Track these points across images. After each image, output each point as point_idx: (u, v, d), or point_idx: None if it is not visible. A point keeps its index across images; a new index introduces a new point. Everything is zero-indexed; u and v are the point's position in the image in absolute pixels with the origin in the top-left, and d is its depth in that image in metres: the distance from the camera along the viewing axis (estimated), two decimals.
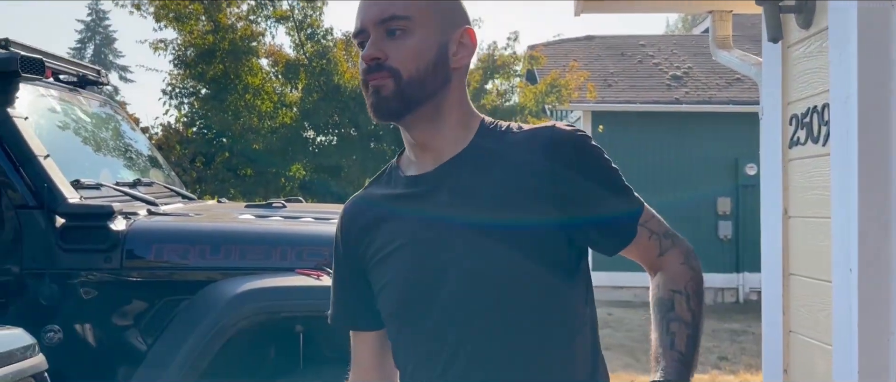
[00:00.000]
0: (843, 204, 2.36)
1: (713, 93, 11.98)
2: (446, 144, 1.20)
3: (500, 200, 1.14)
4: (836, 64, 2.39)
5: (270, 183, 9.58)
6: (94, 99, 4.01)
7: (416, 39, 1.16)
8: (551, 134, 1.18)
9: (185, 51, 9.53)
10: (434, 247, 1.15)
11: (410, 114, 1.17)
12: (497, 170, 1.16)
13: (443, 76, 1.18)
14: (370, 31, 1.18)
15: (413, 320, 1.17)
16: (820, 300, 2.61)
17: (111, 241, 2.80)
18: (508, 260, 1.13)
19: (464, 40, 1.21)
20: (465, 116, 1.22)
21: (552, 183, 1.14)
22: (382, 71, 1.15)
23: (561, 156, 1.16)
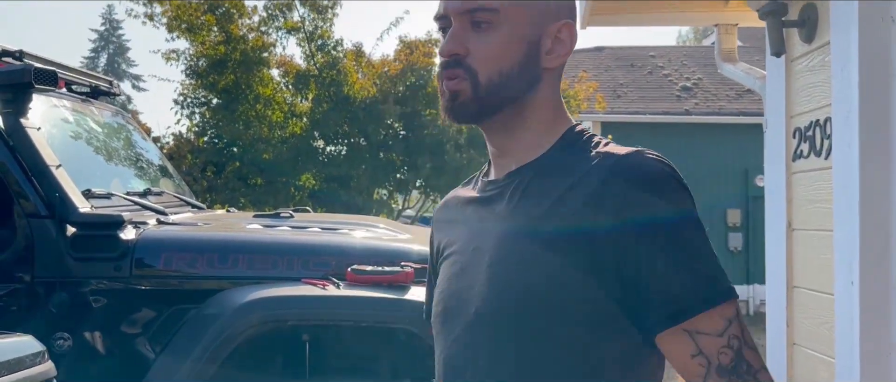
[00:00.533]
0: (844, 217, 2.37)
1: (723, 105, 11.98)
2: (524, 150, 1.05)
3: (540, 231, 0.97)
4: (838, 78, 2.41)
5: (280, 192, 9.64)
6: (106, 109, 4.07)
7: (501, 36, 1.01)
8: (615, 170, 0.96)
9: (197, 61, 9.63)
10: (476, 261, 1.03)
11: (488, 120, 1.05)
12: (553, 192, 0.99)
13: (530, 78, 1.03)
14: (452, 19, 1.03)
15: (443, 331, 1.07)
16: (823, 312, 2.62)
17: (121, 250, 2.84)
18: (524, 299, 0.96)
19: (561, 36, 1.05)
20: (551, 121, 1.06)
21: (591, 237, 0.94)
22: (460, 69, 1.02)
23: (617, 206, 0.93)
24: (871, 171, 2.28)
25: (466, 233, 1.07)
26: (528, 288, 0.96)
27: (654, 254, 0.91)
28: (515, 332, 0.97)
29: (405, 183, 9.85)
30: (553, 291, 0.94)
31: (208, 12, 9.39)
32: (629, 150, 1.00)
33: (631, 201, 0.93)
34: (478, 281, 1.01)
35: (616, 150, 1.00)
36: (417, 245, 3.14)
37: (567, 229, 0.95)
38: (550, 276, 0.95)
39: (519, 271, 0.97)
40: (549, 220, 0.97)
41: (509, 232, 1.00)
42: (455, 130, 9.16)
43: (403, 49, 9.63)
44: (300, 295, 2.70)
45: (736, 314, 0.93)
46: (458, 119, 1.04)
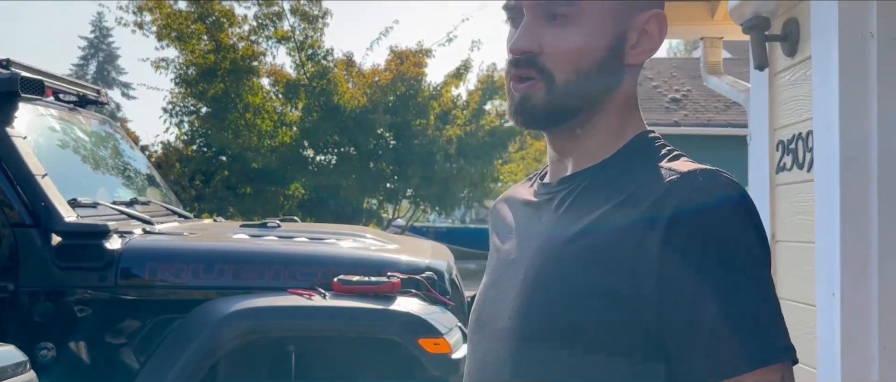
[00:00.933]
0: (826, 229, 2.39)
1: (711, 116, 12.06)
2: (584, 154, 0.93)
3: (578, 248, 0.86)
4: (819, 92, 2.44)
5: (269, 201, 9.64)
6: (93, 118, 4.06)
7: (582, 33, 0.88)
8: (673, 189, 0.82)
9: (187, 69, 9.63)
10: (513, 272, 0.93)
11: (558, 125, 0.93)
12: (601, 206, 0.87)
13: (611, 77, 0.91)
14: (525, 10, 0.91)
15: (473, 341, 0.99)
16: (805, 324, 2.64)
17: (106, 260, 2.83)
18: (549, 323, 0.86)
19: (649, 28, 0.91)
20: (621, 124, 0.93)
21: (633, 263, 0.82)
22: (532, 69, 0.89)
23: (667, 232, 0.80)
24: (851, 184, 2.31)
25: (513, 239, 0.98)
26: (554, 311, 0.85)
27: (702, 296, 0.78)
28: (539, 358, 0.86)
29: (395, 192, 9.87)
30: (580, 318, 0.83)
31: (198, 21, 9.40)
32: (698, 167, 0.84)
33: (684, 228, 0.79)
34: (510, 294, 0.91)
35: (683, 166, 0.85)
36: (405, 255, 3.15)
37: (606, 250, 0.83)
38: (581, 301, 0.83)
39: (548, 291, 0.86)
40: (589, 237, 0.85)
41: (547, 246, 0.89)
42: (445, 140, 9.19)
43: (394, 59, 9.66)
44: (285, 305, 2.70)
45: (782, 378, 0.79)
46: (527, 124, 0.93)
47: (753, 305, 0.79)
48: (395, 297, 2.77)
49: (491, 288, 0.97)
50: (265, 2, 9.56)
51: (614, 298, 0.82)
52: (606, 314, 0.82)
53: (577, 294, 0.84)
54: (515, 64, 0.91)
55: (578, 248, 0.86)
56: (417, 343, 2.61)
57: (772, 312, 0.80)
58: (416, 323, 2.64)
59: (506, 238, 1.00)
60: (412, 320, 2.65)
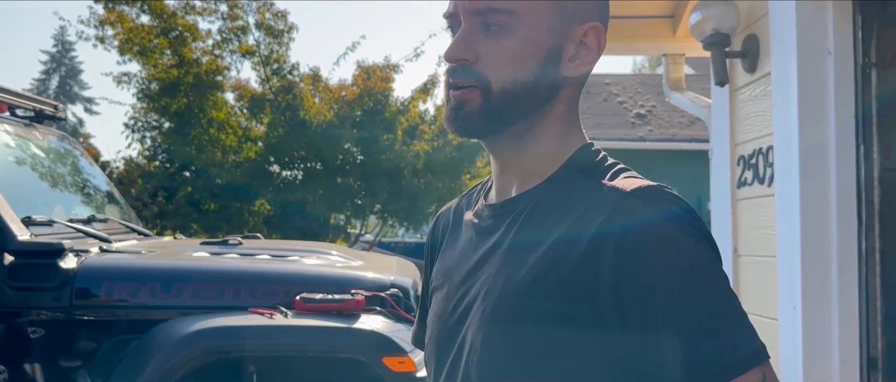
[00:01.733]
0: (786, 243, 2.42)
1: (676, 132, 12.21)
2: (528, 171, 0.93)
3: (536, 277, 0.85)
4: (780, 108, 2.47)
5: (234, 217, 9.51)
6: (50, 134, 3.97)
7: (517, 41, 0.88)
8: (620, 209, 0.82)
9: (149, 84, 9.49)
10: (469, 303, 0.91)
11: (495, 134, 0.92)
12: (552, 230, 0.86)
13: (548, 89, 0.90)
14: (462, 19, 0.91)
15: (435, 373, 0.97)
16: (768, 337, 2.65)
17: (61, 279, 2.75)
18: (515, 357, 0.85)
19: (588, 41, 0.91)
20: (562, 138, 0.93)
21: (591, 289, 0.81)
22: (469, 77, 0.89)
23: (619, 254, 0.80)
24: (811, 199, 2.33)
25: (462, 264, 0.96)
26: (518, 345, 0.84)
27: (665, 314, 0.77)
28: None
29: (362, 208, 9.80)
30: (547, 351, 0.82)
31: (161, 35, 9.27)
32: (641, 184, 0.84)
33: (634, 249, 0.79)
34: (473, 324, 0.89)
35: (626, 184, 0.85)
36: (370, 272, 3.11)
37: (563, 278, 0.82)
38: (545, 332, 0.82)
39: (510, 323, 0.84)
40: (544, 268, 0.84)
41: (504, 275, 0.87)
42: (412, 155, 9.16)
43: (361, 73, 9.63)
44: (245, 325, 2.64)
45: (763, 378, 0.79)
46: (462, 132, 0.92)
47: (718, 316, 0.78)
48: (359, 315, 2.73)
49: (448, 318, 0.95)
50: (229, 16, 9.47)
51: (577, 325, 0.81)
52: (572, 342, 0.81)
53: (540, 325, 0.82)
54: (451, 72, 0.91)
55: (535, 279, 0.84)
56: (382, 362, 2.57)
57: (738, 319, 0.79)
58: (380, 342, 2.60)
59: (450, 264, 0.99)
60: (376, 338, 2.61)
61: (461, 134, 0.92)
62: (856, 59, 2.32)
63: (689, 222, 0.82)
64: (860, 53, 2.32)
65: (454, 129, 0.92)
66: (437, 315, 0.98)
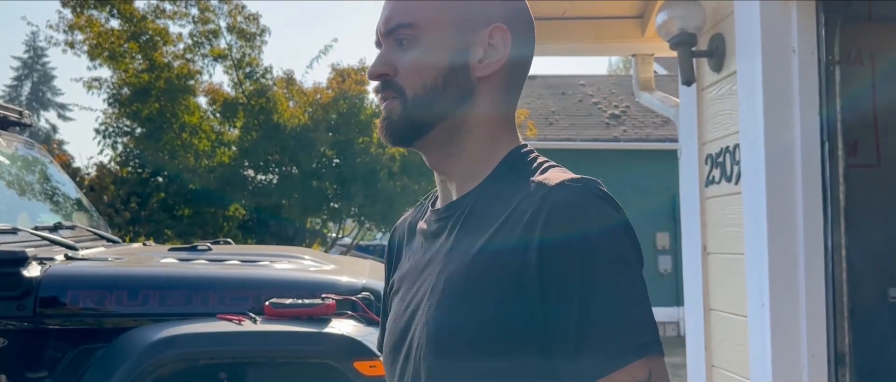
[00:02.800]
0: (754, 240, 2.43)
1: (649, 132, 12.30)
2: (464, 175, 0.99)
3: (473, 273, 0.90)
4: (745, 106, 2.48)
5: (208, 223, 9.42)
6: (15, 140, 3.90)
7: (422, 50, 0.96)
8: (541, 206, 0.87)
9: (120, 89, 9.37)
10: (418, 301, 0.97)
11: (419, 140, 0.98)
12: (486, 228, 0.92)
13: (460, 90, 0.96)
14: (381, 40, 1.00)
15: (390, 372, 1.02)
16: (737, 334, 2.67)
17: (24, 287, 2.70)
18: (456, 348, 0.90)
19: (494, 41, 0.96)
20: (492, 141, 0.98)
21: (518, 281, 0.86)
22: (390, 89, 0.97)
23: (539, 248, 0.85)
24: (777, 196, 2.35)
25: (413, 269, 1.02)
26: (459, 337, 0.88)
27: (571, 303, 0.83)
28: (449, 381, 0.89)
29: (339, 211, 9.75)
30: (485, 342, 0.86)
31: (131, 40, 9.16)
32: (558, 180, 0.89)
33: (555, 239, 0.84)
34: (419, 323, 0.94)
35: (552, 178, 0.90)
36: (344, 275, 3.09)
37: (496, 272, 0.87)
38: (482, 325, 0.87)
39: (452, 317, 0.90)
40: (480, 261, 0.89)
41: (446, 274, 0.93)
42: (388, 158, 9.14)
43: (335, 77, 9.59)
44: (213, 331, 2.61)
45: (649, 375, 0.82)
46: (392, 140, 0.98)
47: (617, 305, 0.83)
48: (330, 319, 2.70)
49: (400, 319, 1.00)
50: (200, 20, 9.38)
51: (511, 317, 0.86)
52: (506, 335, 0.86)
53: (476, 324, 0.87)
54: (376, 89, 0.99)
55: (470, 277, 0.89)
56: (352, 367, 2.55)
57: (638, 309, 0.83)
58: (350, 346, 2.58)
59: (405, 269, 1.05)
60: (346, 342, 2.59)
61: (390, 142, 0.99)
62: (820, 57, 2.34)
63: (610, 215, 0.87)
64: (824, 51, 2.34)
65: (384, 138, 0.99)
66: (393, 318, 1.03)
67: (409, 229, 1.11)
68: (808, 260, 2.34)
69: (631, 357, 0.81)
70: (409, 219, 1.13)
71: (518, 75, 1.01)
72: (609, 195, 0.89)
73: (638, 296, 0.84)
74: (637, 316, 0.83)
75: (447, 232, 0.98)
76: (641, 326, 0.83)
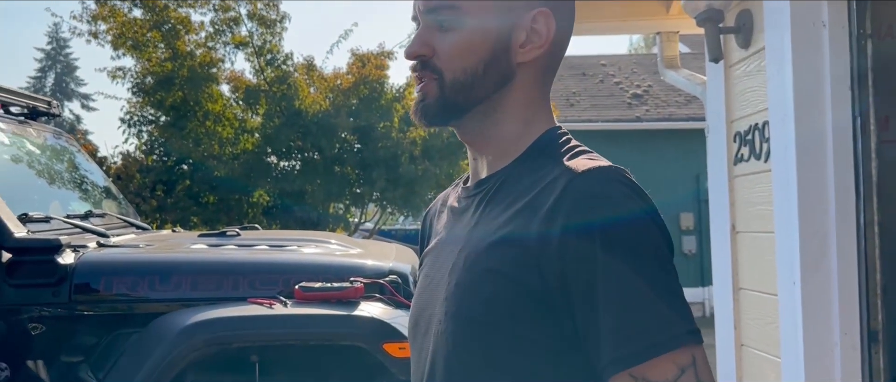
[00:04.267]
0: (784, 218, 2.41)
1: (673, 111, 12.19)
2: (496, 156, 0.99)
3: (492, 252, 0.90)
4: (774, 82, 2.45)
5: (233, 209, 9.49)
6: (46, 131, 3.96)
7: (463, 33, 0.95)
8: (566, 192, 0.86)
9: (144, 78, 9.45)
10: (441, 277, 0.97)
11: (456, 121, 0.99)
12: (510, 209, 0.92)
13: (500, 75, 0.96)
14: (419, 19, 0.98)
15: (413, 346, 1.04)
16: (767, 313, 2.65)
17: (59, 275, 2.75)
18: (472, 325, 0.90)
19: (537, 26, 0.96)
20: (526, 123, 0.98)
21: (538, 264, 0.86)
22: (427, 70, 0.97)
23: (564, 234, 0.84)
24: (808, 173, 2.33)
25: (439, 245, 1.03)
26: (476, 314, 0.90)
27: (603, 292, 0.82)
28: (467, 360, 0.90)
29: (361, 196, 9.78)
30: (501, 320, 0.88)
31: (154, 29, 9.22)
32: (585, 167, 0.88)
33: (578, 225, 0.84)
34: (439, 299, 0.96)
35: (576, 166, 0.89)
36: (368, 259, 3.11)
37: (515, 252, 0.87)
38: (499, 304, 0.87)
39: (470, 295, 0.90)
40: (500, 242, 0.89)
41: (467, 251, 0.93)
42: (409, 142, 9.14)
43: (356, 62, 9.58)
44: (244, 315, 2.64)
45: (692, 361, 0.82)
46: (426, 121, 0.99)
47: (654, 295, 0.82)
48: (359, 302, 2.73)
49: (423, 294, 1.02)
50: (221, 7, 9.42)
51: (528, 297, 0.86)
52: (524, 313, 0.87)
53: (495, 298, 0.88)
54: (413, 68, 0.99)
55: (492, 253, 0.90)
56: (382, 348, 2.57)
57: (674, 300, 0.83)
58: (379, 328, 2.60)
59: (434, 245, 1.05)
60: (376, 325, 2.61)
61: (425, 123, 0.99)
62: (850, 31, 2.31)
63: (637, 204, 0.86)
64: (855, 25, 2.30)
65: (418, 119, 0.99)
66: (417, 293, 1.05)
67: (441, 207, 1.11)
68: (839, 237, 2.31)
69: (667, 348, 0.81)
70: (441, 198, 1.14)
71: (557, 58, 1.00)
72: (635, 183, 0.88)
73: (669, 285, 0.84)
74: (670, 306, 0.82)
75: (473, 210, 0.98)
76: (676, 316, 0.82)
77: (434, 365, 0.95)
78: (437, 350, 0.94)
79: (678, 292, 0.85)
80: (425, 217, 1.18)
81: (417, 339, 1.01)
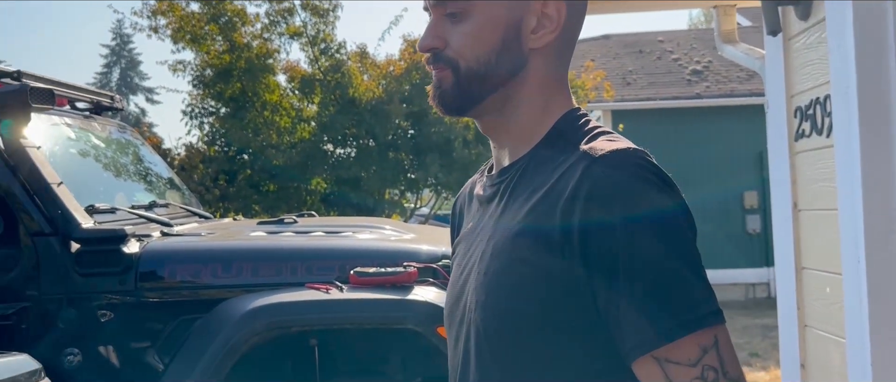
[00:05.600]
0: (848, 195, 2.33)
1: (734, 87, 11.87)
2: (516, 143, 1.00)
3: (517, 239, 0.91)
4: (835, 54, 2.37)
5: (292, 197, 9.66)
6: (110, 124, 4.10)
7: (473, 23, 0.96)
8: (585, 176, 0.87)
9: (203, 71, 9.67)
10: (471, 266, 0.99)
11: (473, 110, 1.00)
12: (532, 195, 0.93)
13: (513, 62, 0.97)
14: (430, 11, 1.00)
15: (449, 335, 1.05)
16: (832, 293, 2.58)
17: (125, 264, 2.85)
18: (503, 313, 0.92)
19: (548, 10, 0.96)
20: (543, 109, 0.99)
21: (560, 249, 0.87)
22: (441, 62, 0.98)
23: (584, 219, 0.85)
24: (872, 147, 2.24)
25: (469, 234, 1.05)
26: (505, 303, 0.91)
27: (624, 274, 0.83)
28: (499, 348, 0.92)
29: (415, 182, 9.84)
30: (529, 308, 0.89)
31: (211, 22, 9.42)
32: (607, 149, 0.89)
33: (600, 208, 0.85)
34: (469, 290, 0.97)
35: (599, 147, 0.90)
36: (422, 244, 3.14)
37: (539, 237, 0.88)
38: (527, 292, 0.89)
39: (498, 284, 0.92)
40: (524, 229, 0.90)
41: (495, 239, 0.95)
42: (462, 126, 9.15)
43: (407, 48, 9.62)
44: (303, 300, 2.70)
45: (715, 342, 0.83)
46: (444, 110, 1.01)
47: (676, 276, 0.83)
48: (413, 287, 2.75)
49: (456, 284, 1.04)
50: None
51: (554, 284, 0.88)
52: (549, 298, 0.88)
53: (523, 286, 0.90)
54: (428, 61, 1.00)
55: (517, 242, 0.91)
56: (436, 332, 2.60)
57: (697, 280, 0.84)
58: (434, 312, 2.63)
59: (463, 234, 1.07)
60: (430, 309, 2.64)
61: (443, 111, 1.01)
62: None
63: (657, 185, 0.86)
64: None
65: (437, 108, 1.01)
66: (450, 282, 1.07)
67: (469, 195, 1.12)
68: None
69: (689, 329, 0.82)
70: (468, 187, 1.15)
71: (571, 40, 1.01)
72: (656, 165, 0.88)
73: (691, 265, 0.84)
74: (691, 286, 0.83)
75: (498, 198, 0.99)
76: (697, 295, 0.83)
77: (468, 354, 0.97)
78: (470, 339, 0.96)
79: (700, 271, 0.85)
80: (454, 205, 1.19)
81: (453, 328, 1.03)
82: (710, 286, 0.85)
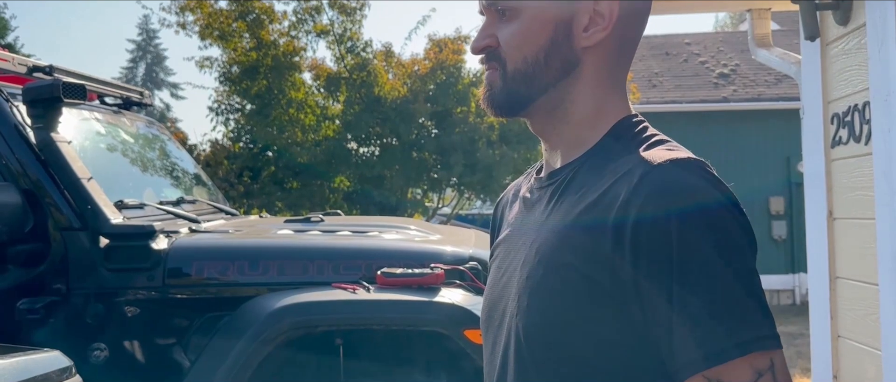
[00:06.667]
0: (886, 204, 2.28)
1: (762, 91, 11.73)
2: (568, 145, 0.97)
3: (564, 248, 0.88)
4: (875, 61, 2.31)
5: (316, 195, 9.69)
6: (138, 120, 4.12)
7: (524, 22, 0.94)
8: (640, 186, 0.83)
9: (230, 68, 9.73)
10: (512, 271, 0.96)
11: (523, 111, 0.97)
12: (582, 201, 0.89)
13: (563, 62, 0.94)
14: (484, 12, 0.99)
15: (486, 339, 1.03)
16: (867, 303, 2.52)
17: (153, 260, 2.86)
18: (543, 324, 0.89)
19: (600, 8, 0.93)
20: (598, 111, 0.95)
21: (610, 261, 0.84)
22: (493, 61, 0.96)
23: (637, 230, 0.82)
24: None
25: (510, 237, 1.02)
26: (547, 309, 0.88)
27: (679, 290, 0.79)
28: (539, 355, 0.89)
29: (439, 181, 9.83)
30: (572, 315, 0.86)
31: (239, 19, 9.48)
32: (665, 158, 0.84)
33: (652, 222, 0.81)
34: (511, 294, 0.94)
35: (656, 156, 0.86)
36: (449, 245, 3.12)
37: (587, 246, 0.85)
38: (570, 299, 0.86)
39: (541, 289, 0.89)
40: (572, 236, 0.87)
41: (539, 243, 0.92)
42: (486, 127, 9.12)
43: (433, 47, 9.61)
44: (330, 300, 2.69)
45: (771, 365, 0.79)
46: (494, 111, 0.98)
47: (733, 296, 0.79)
48: (439, 288, 2.73)
49: (495, 288, 1.01)
50: None
51: (599, 293, 0.84)
52: (594, 309, 0.85)
53: (566, 293, 0.87)
54: (482, 61, 0.99)
55: (563, 248, 0.88)
56: (463, 335, 2.58)
57: (755, 302, 0.80)
58: (460, 315, 2.61)
59: (505, 236, 1.04)
60: (457, 311, 2.62)
61: (493, 113, 0.99)
62: None
63: (716, 198, 0.82)
64: None
65: (487, 109, 0.99)
66: (489, 285, 1.04)
67: (513, 197, 1.09)
68: None
69: (745, 350, 0.78)
70: (514, 187, 1.13)
71: (628, 41, 0.96)
72: (716, 176, 0.85)
73: (750, 284, 0.80)
74: (750, 306, 0.79)
75: (545, 202, 0.96)
76: (755, 316, 0.79)
77: (506, 359, 0.94)
78: (510, 344, 0.94)
79: (758, 291, 0.81)
80: (497, 206, 1.17)
81: (491, 332, 1.00)
82: (769, 308, 0.82)
